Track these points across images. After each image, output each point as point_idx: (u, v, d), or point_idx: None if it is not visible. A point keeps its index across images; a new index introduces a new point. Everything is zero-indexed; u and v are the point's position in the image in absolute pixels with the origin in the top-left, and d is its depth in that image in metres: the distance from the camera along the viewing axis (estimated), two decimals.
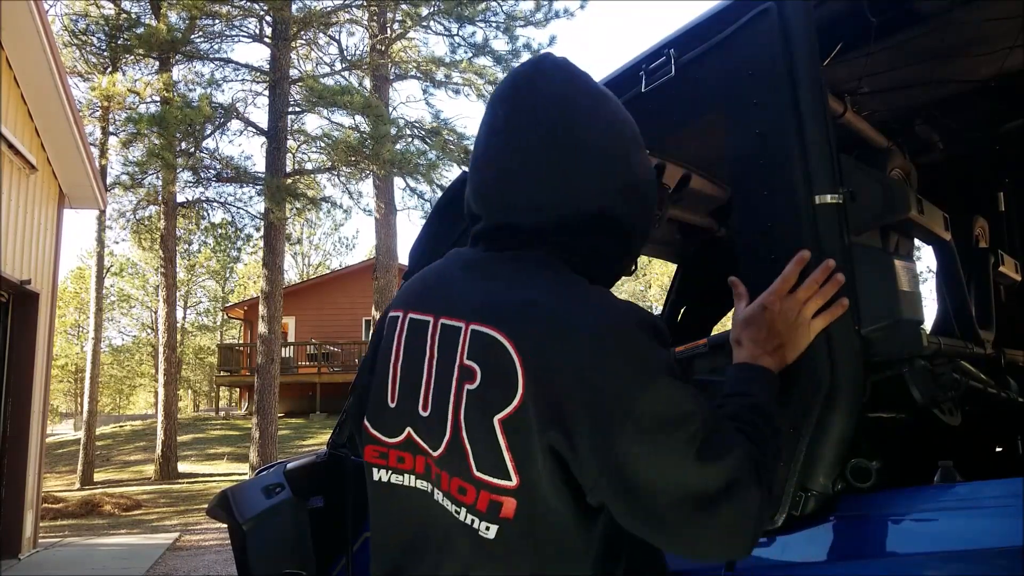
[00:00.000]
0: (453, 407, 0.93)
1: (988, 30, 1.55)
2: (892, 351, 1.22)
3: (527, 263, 0.98)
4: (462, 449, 0.91)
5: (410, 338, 1.02)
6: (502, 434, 0.88)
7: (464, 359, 0.93)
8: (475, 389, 0.91)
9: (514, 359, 0.88)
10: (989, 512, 1.04)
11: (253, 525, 1.81)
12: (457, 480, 0.92)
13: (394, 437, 1.02)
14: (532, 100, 0.99)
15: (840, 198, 1.21)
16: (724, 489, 0.84)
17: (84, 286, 33.10)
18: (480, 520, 0.90)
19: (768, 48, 1.26)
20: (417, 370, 0.99)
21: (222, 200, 18.68)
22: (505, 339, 0.89)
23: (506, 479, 0.88)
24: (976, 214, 1.98)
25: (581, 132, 0.97)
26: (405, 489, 1.01)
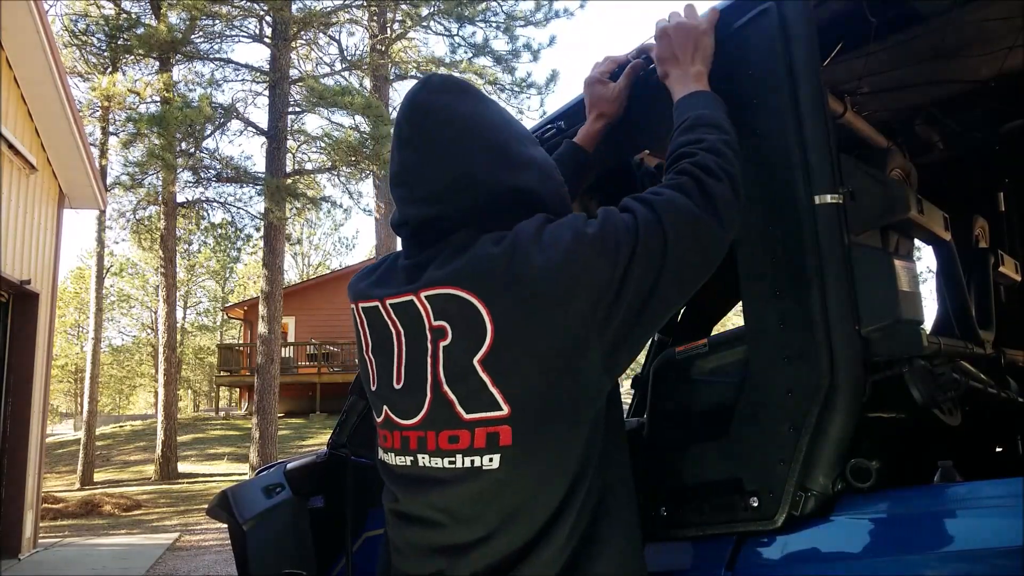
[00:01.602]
0: (431, 367, 1.02)
1: (988, 30, 1.55)
2: (892, 351, 1.22)
3: (455, 245, 1.07)
4: (447, 402, 1.01)
5: (372, 324, 1.12)
6: (484, 372, 0.98)
7: (432, 322, 1.03)
8: (449, 344, 1.01)
9: (475, 304, 0.99)
10: (989, 512, 1.04)
11: (253, 525, 1.81)
12: (447, 431, 1.02)
13: (379, 417, 1.13)
14: (424, 112, 1.10)
15: (840, 198, 1.21)
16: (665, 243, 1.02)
17: (84, 286, 33.10)
18: (481, 456, 0.99)
19: (768, 48, 1.26)
20: (387, 349, 1.09)
21: (222, 200, 18.69)
22: (461, 291, 1.00)
23: (497, 410, 0.98)
24: (976, 214, 1.98)
25: (469, 128, 1.09)
26: (389, 466, 1.12)
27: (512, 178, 1.09)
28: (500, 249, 1.00)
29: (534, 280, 0.97)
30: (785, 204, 1.23)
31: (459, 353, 1.00)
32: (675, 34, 1.30)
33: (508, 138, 1.12)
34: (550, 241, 0.99)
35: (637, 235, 1.00)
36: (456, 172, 1.07)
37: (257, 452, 15.25)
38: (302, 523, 1.89)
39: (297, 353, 25.05)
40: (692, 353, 1.48)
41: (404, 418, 1.07)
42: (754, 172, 1.27)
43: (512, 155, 1.10)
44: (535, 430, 1.00)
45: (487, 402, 0.99)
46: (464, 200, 1.07)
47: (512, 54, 16.96)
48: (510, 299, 0.98)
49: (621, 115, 1.47)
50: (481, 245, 1.03)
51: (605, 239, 1.00)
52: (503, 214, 1.06)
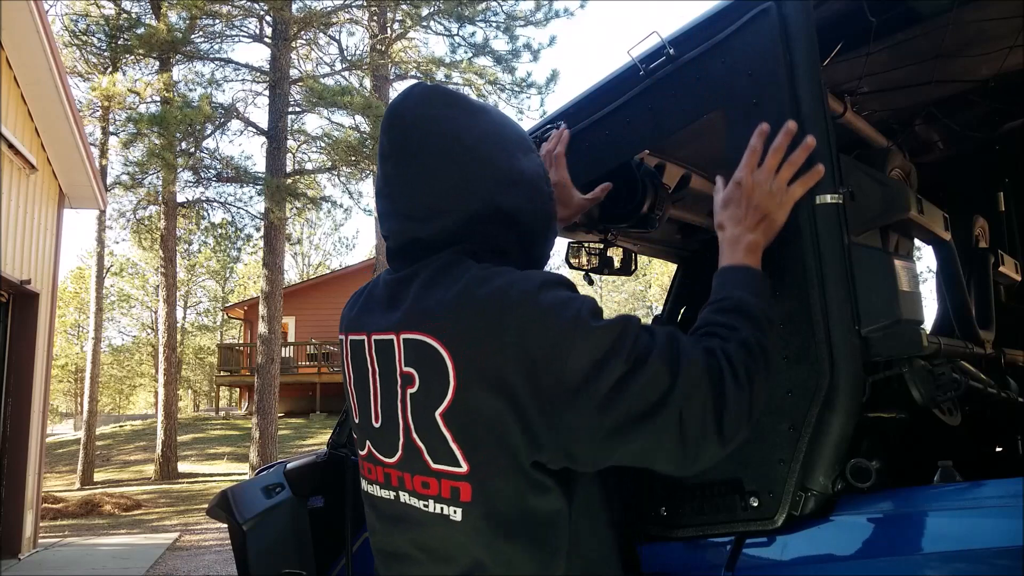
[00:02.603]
0: (401, 413, 1.01)
1: (988, 30, 1.55)
2: (892, 351, 1.22)
3: (437, 267, 1.03)
4: (416, 448, 1.00)
5: (355, 358, 1.11)
6: (444, 426, 0.96)
7: (403, 367, 1.01)
8: (416, 392, 0.99)
9: (444, 356, 0.96)
10: (989, 512, 1.04)
11: (253, 525, 1.81)
12: (419, 477, 1.01)
13: (362, 450, 1.13)
14: (406, 124, 1.06)
15: (840, 198, 1.21)
16: (669, 394, 0.91)
17: (84, 286, 33.10)
18: (448, 506, 0.99)
19: (768, 48, 1.26)
20: (365, 386, 1.08)
21: (222, 200, 18.69)
22: (432, 339, 0.97)
23: (457, 466, 0.97)
24: (976, 214, 1.98)
25: (454, 142, 1.04)
26: (374, 499, 1.11)
27: (498, 197, 1.04)
28: (483, 299, 0.95)
29: (507, 347, 0.93)
30: None
31: (424, 403, 0.98)
32: (752, 193, 1.15)
33: (496, 153, 1.06)
34: (542, 312, 0.93)
35: (633, 369, 0.92)
36: (437, 190, 1.03)
37: (257, 452, 15.25)
38: (302, 523, 1.89)
39: (297, 353, 25.05)
40: None
41: (385, 456, 1.06)
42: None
43: (500, 172, 1.05)
44: (493, 493, 0.96)
45: (448, 457, 0.97)
46: (445, 220, 1.03)
47: (512, 54, 16.95)
48: (474, 366, 0.94)
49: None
50: (466, 284, 0.97)
51: (601, 343, 0.92)
52: (486, 233, 1.04)
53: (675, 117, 1.46)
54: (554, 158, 1.46)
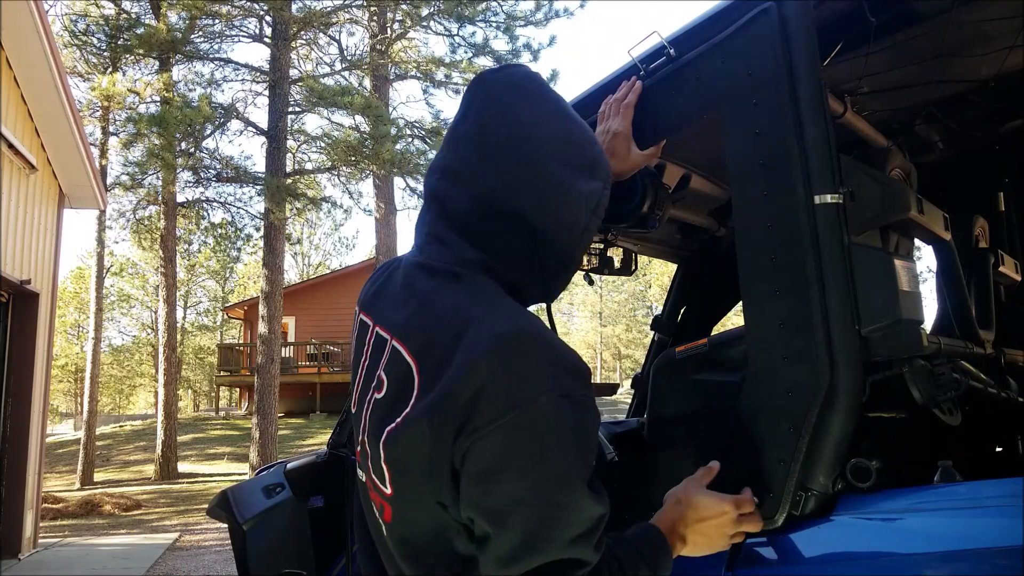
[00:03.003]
0: (366, 412, 1.00)
1: (988, 30, 1.55)
2: (892, 351, 1.22)
3: (449, 281, 0.99)
4: (365, 451, 1.00)
5: (359, 337, 1.10)
6: (383, 446, 0.94)
7: (381, 370, 0.99)
8: (380, 398, 0.97)
9: (414, 381, 0.92)
10: (989, 512, 1.04)
11: (253, 525, 1.81)
12: (373, 478, 0.99)
13: (356, 435, 1.10)
14: (487, 95, 1.05)
15: (840, 198, 1.21)
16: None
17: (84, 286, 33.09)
18: (379, 516, 1.00)
19: (768, 48, 1.26)
20: (356, 370, 1.08)
21: (222, 200, 18.69)
22: (412, 360, 0.94)
23: (385, 487, 0.95)
24: (976, 214, 1.98)
25: (517, 131, 1.01)
26: (360, 483, 1.09)
27: (530, 202, 0.99)
28: (469, 332, 0.90)
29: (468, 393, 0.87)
30: (785, 204, 1.23)
31: (381, 413, 0.96)
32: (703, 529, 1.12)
33: (551, 162, 1.00)
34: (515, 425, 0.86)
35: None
36: (480, 162, 1.00)
37: (257, 452, 15.24)
38: (302, 523, 1.89)
39: (297, 353, 25.04)
40: (692, 353, 1.48)
41: (359, 439, 1.06)
42: (754, 172, 1.27)
43: (545, 182, 0.99)
44: (411, 522, 0.95)
45: (381, 475, 0.96)
46: (473, 190, 1.00)
47: (512, 54, 16.93)
48: (430, 409, 0.89)
49: None
50: (475, 326, 0.91)
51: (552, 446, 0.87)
52: (504, 240, 1.00)
53: (675, 117, 1.46)
54: (622, 107, 1.42)
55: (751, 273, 1.27)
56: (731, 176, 1.33)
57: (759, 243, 1.26)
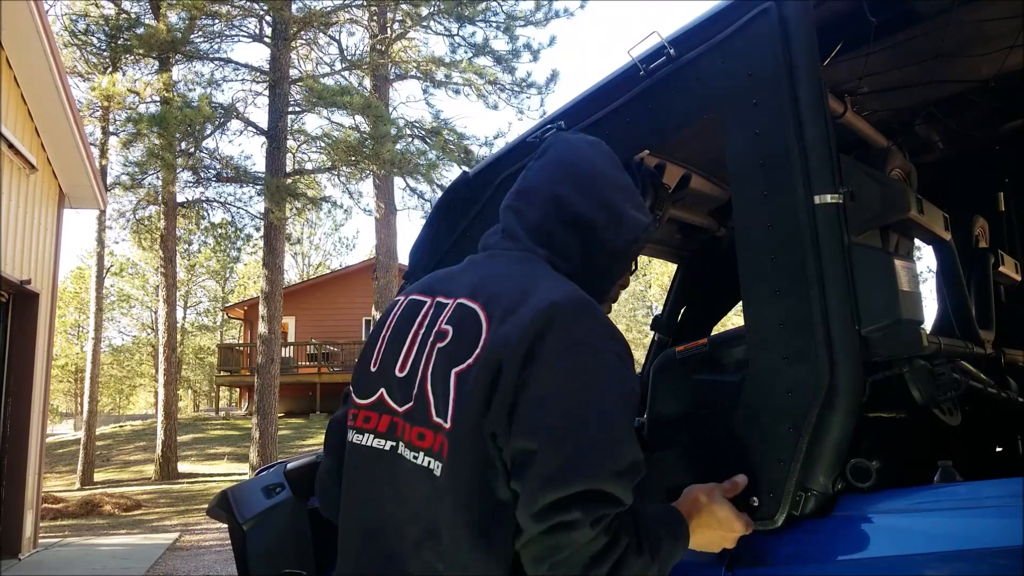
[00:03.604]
0: (424, 364, 1.10)
1: (988, 30, 1.55)
2: (892, 351, 1.23)
3: (518, 258, 1.19)
4: (425, 399, 1.08)
5: (405, 314, 1.20)
6: (453, 384, 1.05)
7: (443, 324, 1.11)
8: (444, 346, 1.09)
9: (483, 325, 1.06)
10: (989, 512, 1.04)
11: (253, 525, 1.81)
12: (418, 428, 1.08)
13: (366, 399, 1.19)
14: (568, 142, 1.30)
15: (840, 198, 1.21)
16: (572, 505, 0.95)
17: (84, 286, 33.08)
18: (433, 460, 1.05)
19: (768, 48, 1.26)
20: (401, 338, 1.17)
21: (222, 200, 18.68)
22: (480, 309, 1.08)
23: (445, 422, 1.04)
24: (976, 214, 1.98)
25: (591, 170, 1.25)
26: (363, 449, 1.16)
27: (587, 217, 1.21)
28: (531, 291, 1.07)
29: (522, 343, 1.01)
30: (785, 204, 1.23)
31: (448, 359, 1.07)
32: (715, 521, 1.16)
33: (614, 194, 1.24)
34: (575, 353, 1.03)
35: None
36: (556, 187, 1.23)
37: (257, 452, 15.24)
38: (302, 523, 1.89)
39: (297, 353, 25.04)
40: (692, 353, 1.48)
41: (398, 404, 1.13)
42: (754, 172, 1.27)
43: (608, 209, 1.23)
44: (469, 457, 1.02)
45: (446, 411, 1.05)
46: (546, 209, 1.21)
47: (512, 54, 16.94)
48: (498, 344, 1.02)
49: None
50: (530, 276, 1.12)
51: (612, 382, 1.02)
52: (564, 242, 1.21)
53: (675, 117, 1.46)
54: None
55: (751, 273, 1.27)
56: (731, 176, 1.33)
57: (759, 243, 1.26)
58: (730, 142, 1.31)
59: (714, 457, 1.28)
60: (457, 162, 16.26)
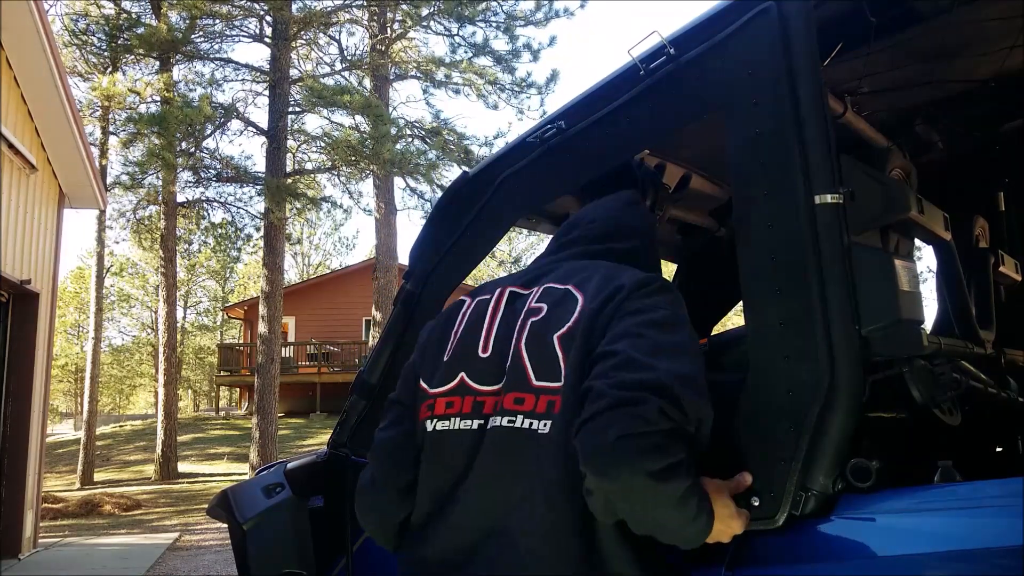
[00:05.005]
0: (516, 339, 1.20)
1: (988, 30, 1.55)
2: (892, 351, 1.23)
3: (579, 254, 1.36)
4: (522, 368, 1.16)
5: (474, 311, 1.31)
6: (559, 346, 1.15)
7: (532, 303, 1.24)
8: (539, 319, 1.20)
9: (577, 298, 1.19)
10: (989, 512, 1.04)
11: (253, 525, 1.81)
12: (515, 394, 1.16)
13: (445, 385, 1.26)
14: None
15: (840, 198, 1.21)
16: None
17: (84, 286, 33.06)
18: (538, 420, 1.12)
19: (768, 48, 1.26)
20: (478, 326, 1.27)
21: (222, 200, 18.65)
22: (573, 288, 1.22)
23: (557, 381, 1.12)
24: (976, 214, 1.98)
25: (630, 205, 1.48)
26: (450, 433, 1.22)
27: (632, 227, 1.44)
28: (614, 274, 1.22)
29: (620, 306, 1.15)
30: (785, 204, 1.23)
31: (545, 328, 1.18)
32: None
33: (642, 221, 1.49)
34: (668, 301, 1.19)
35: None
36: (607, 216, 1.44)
37: (257, 452, 15.24)
38: (302, 523, 1.89)
39: (297, 353, 25.03)
40: None
41: (483, 384, 1.21)
42: (754, 172, 1.27)
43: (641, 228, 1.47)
44: (572, 416, 1.07)
45: (553, 372, 1.14)
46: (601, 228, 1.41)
47: (512, 54, 16.93)
48: (598, 305, 1.16)
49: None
50: (603, 266, 1.28)
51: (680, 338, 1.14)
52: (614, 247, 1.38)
53: (675, 117, 1.46)
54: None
55: (751, 273, 1.27)
56: (731, 176, 1.33)
57: (759, 243, 1.26)
58: (730, 142, 1.31)
59: (714, 457, 1.28)
60: (457, 162, 16.26)
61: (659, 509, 1.00)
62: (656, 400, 0.99)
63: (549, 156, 1.62)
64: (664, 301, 1.17)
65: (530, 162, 1.66)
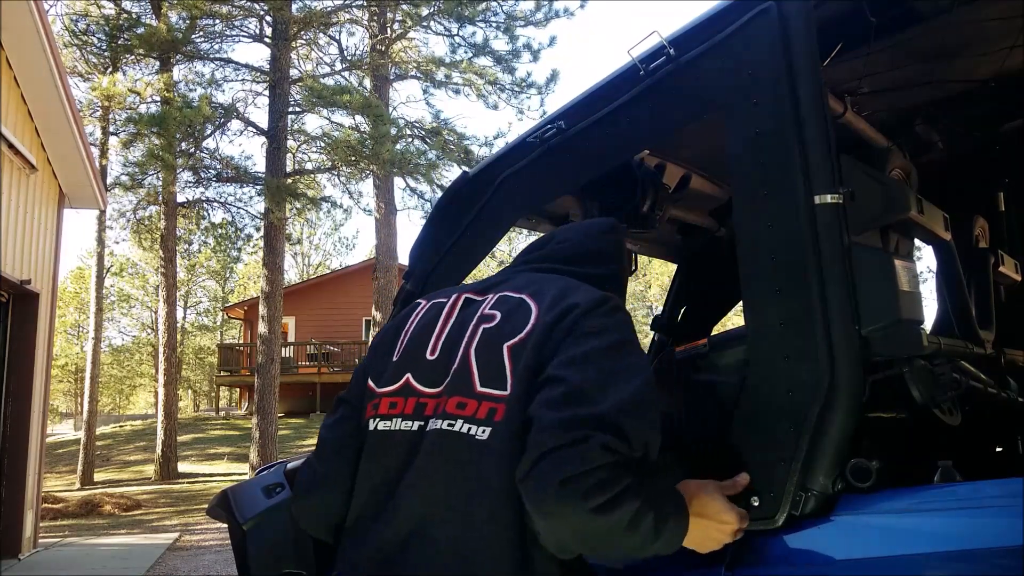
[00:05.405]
0: (465, 344, 1.21)
1: (988, 30, 1.55)
2: (892, 351, 1.23)
3: (545, 273, 1.34)
4: (468, 373, 1.17)
5: (427, 313, 1.32)
6: (508, 355, 1.15)
7: (486, 310, 1.24)
8: (492, 327, 1.21)
9: (531, 308, 1.20)
10: (989, 512, 1.04)
11: (253, 525, 1.81)
12: (457, 398, 1.16)
13: (389, 385, 1.27)
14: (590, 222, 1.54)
15: (840, 198, 1.21)
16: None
17: (84, 286, 33.06)
18: (477, 426, 1.12)
19: (768, 48, 1.26)
20: (429, 328, 1.28)
21: (222, 200, 18.65)
22: (528, 297, 1.23)
23: (503, 389, 1.13)
24: (976, 214, 1.98)
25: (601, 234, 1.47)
26: (391, 433, 1.22)
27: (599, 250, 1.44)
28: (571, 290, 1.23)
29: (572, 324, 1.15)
30: (785, 204, 1.23)
31: (496, 336, 1.18)
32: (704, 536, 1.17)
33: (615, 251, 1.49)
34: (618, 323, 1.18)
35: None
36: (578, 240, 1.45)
37: (257, 452, 15.23)
38: None
39: (297, 353, 25.03)
40: (692, 353, 1.48)
41: (427, 386, 1.22)
42: (754, 172, 1.27)
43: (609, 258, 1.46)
44: (522, 418, 1.09)
45: (499, 380, 1.14)
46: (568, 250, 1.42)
47: (512, 54, 16.92)
48: (551, 320, 1.16)
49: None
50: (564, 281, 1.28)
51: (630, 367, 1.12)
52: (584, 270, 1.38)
53: (675, 117, 1.46)
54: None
55: (751, 273, 1.27)
56: (731, 176, 1.33)
57: (759, 243, 1.26)
58: (730, 142, 1.31)
59: (714, 457, 1.28)
60: (457, 162, 16.26)
61: (612, 538, 1.02)
62: (599, 437, 1.00)
63: (549, 156, 1.63)
64: (616, 322, 1.18)
65: (530, 162, 1.66)
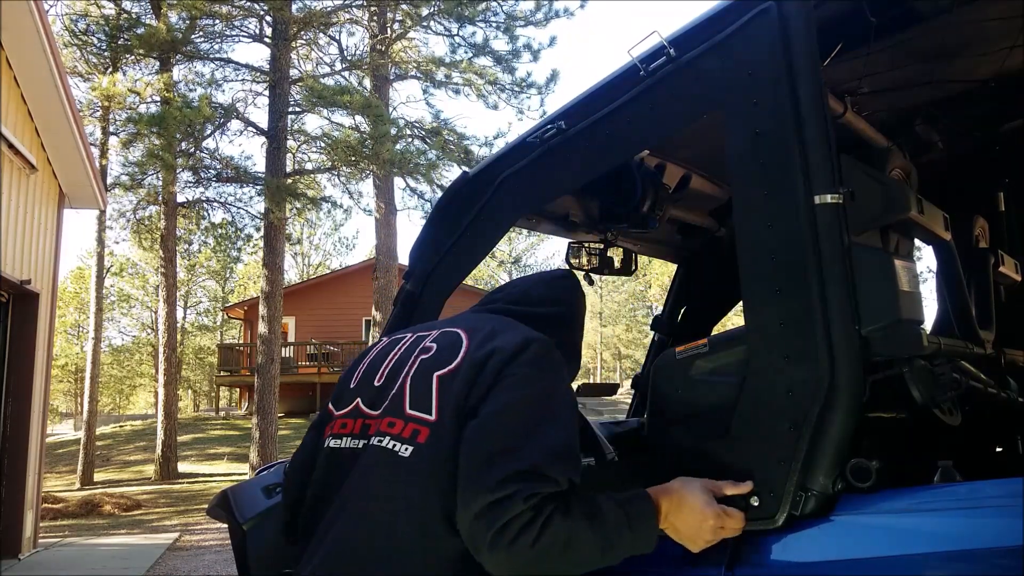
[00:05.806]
0: (405, 372, 1.32)
1: (988, 30, 1.55)
2: (892, 351, 1.23)
3: (492, 315, 1.47)
4: (402, 397, 1.28)
5: (384, 347, 1.44)
6: (436, 384, 1.26)
7: (427, 343, 1.37)
8: (428, 357, 1.33)
9: (463, 342, 1.32)
10: (989, 512, 1.04)
11: (253, 525, 1.81)
12: (389, 418, 1.27)
13: (343, 408, 1.39)
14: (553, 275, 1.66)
15: (840, 198, 1.21)
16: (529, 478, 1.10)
17: (84, 286, 33.06)
18: (401, 444, 1.23)
19: (768, 48, 1.26)
20: (382, 359, 1.40)
21: (222, 200, 18.65)
22: (462, 332, 1.35)
23: (428, 414, 1.23)
24: (976, 214, 1.98)
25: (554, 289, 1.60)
26: (340, 451, 1.33)
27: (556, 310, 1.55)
28: (508, 330, 1.32)
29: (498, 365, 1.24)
30: (785, 204, 1.23)
31: (430, 365, 1.30)
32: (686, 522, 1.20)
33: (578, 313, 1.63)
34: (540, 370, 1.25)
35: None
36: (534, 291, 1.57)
37: (257, 452, 15.23)
38: None
39: (297, 353, 25.03)
40: (692, 353, 1.48)
41: (372, 408, 1.33)
42: (754, 172, 1.27)
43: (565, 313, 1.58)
44: (445, 443, 1.19)
45: (425, 406, 1.24)
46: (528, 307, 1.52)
47: (512, 54, 16.92)
48: (479, 359, 1.25)
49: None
50: (504, 323, 1.38)
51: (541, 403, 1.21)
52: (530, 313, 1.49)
53: (675, 117, 1.46)
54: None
55: (751, 273, 1.27)
56: (731, 176, 1.33)
57: (759, 243, 1.26)
58: (730, 142, 1.31)
59: (714, 457, 1.28)
60: (457, 162, 16.26)
61: (556, 561, 1.09)
62: (524, 489, 1.08)
63: (549, 156, 1.63)
64: (539, 369, 1.25)
65: (530, 162, 1.66)
